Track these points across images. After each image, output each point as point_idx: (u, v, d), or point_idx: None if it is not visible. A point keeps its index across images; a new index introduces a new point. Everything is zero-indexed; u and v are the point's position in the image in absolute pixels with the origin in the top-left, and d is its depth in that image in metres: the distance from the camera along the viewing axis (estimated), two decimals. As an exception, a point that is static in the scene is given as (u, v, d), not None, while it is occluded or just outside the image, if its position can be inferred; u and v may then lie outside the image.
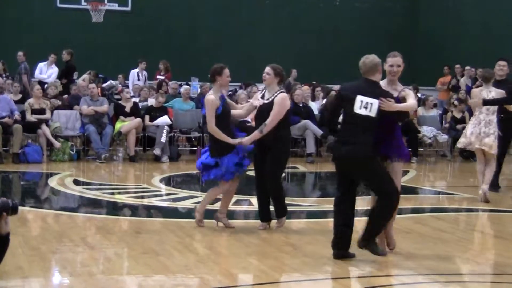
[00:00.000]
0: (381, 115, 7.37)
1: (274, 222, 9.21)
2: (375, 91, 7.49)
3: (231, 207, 10.52)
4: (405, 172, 14.98)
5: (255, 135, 8.79)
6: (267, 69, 9.03)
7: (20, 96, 16.72)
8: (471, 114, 13.40)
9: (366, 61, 7.63)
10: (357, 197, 7.96)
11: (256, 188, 9.16)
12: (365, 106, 7.35)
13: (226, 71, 8.93)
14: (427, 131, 16.88)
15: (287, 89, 18.39)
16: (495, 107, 11.53)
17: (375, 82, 7.58)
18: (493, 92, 11.52)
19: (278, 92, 8.94)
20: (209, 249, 8.06)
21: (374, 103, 7.35)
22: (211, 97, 8.86)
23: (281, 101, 8.85)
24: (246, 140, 8.80)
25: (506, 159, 13.22)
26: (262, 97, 9.04)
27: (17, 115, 15.11)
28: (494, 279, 7.25)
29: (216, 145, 8.86)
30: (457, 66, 21.17)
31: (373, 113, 7.36)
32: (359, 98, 7.37)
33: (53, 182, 12.66)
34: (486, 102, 11.33)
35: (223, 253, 8.14)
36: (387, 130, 7.63)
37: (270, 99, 8.90)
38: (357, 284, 6.95)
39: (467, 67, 20.78)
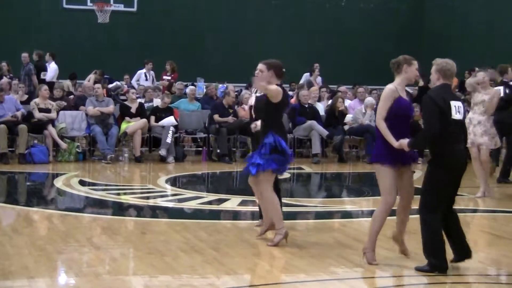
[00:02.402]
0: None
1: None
2: (454, 95, 7.62)
3: (237, 208, 10.55)
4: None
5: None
6: (260, 65, 8.68)
7: (26, 97, 16.76)
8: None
9: (453, 66, 7.62)
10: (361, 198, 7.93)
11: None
12: (458, 110, 7.37)
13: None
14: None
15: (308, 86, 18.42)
16: (484, 108, 11.73)
17: (450, 85, 7.66)
18: (488, 95, 11.68)
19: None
20: (215, 249, 8.05)
21: (461, 106, 7.42)
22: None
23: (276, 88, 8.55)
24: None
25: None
26: (254, 92, 8.97)
27: (19, 113, 15.11)
28: (499, 279, 7.24)
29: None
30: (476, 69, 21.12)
31: (462, 116, 7.41)
32: (452, 103, 7.38)
33: (59, 183, 12.68)
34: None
35: (229, 254, 8.13)
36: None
37: (262, 93, 8.65)
38: (363, 285, 6.95)
39: (477, 69, 20.73)
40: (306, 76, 20.88)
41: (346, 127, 16.72)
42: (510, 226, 10.04)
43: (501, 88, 12.86)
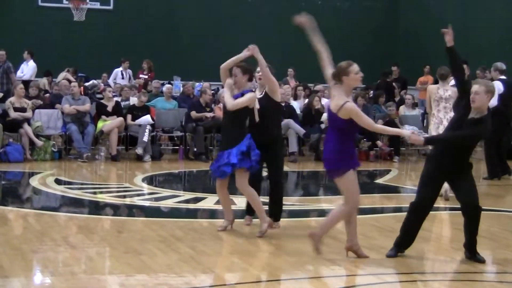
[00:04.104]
0: None
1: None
2: None
3: (214, 206, 10.52)
4: (387, 171, 15.05)
5: None
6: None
7: (1, 95, 16.62)
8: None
9: None
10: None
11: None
12: None
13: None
14: (409, 130, 16.89)
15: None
16: (451, 105, 11.64)
17: None
18: (449, 91, 11.62)
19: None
20: (191, 248, 8.03)
21: None
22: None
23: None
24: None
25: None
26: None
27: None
28: (476, 277, 7.27)
29: (238, 134, 8.58)
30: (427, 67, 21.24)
31: None
32: None
33: (34, 182, 12.59)
34: None
35: (206, 252, 8.11)
36: None
37: (263, 94, 8.90)
38: (339, 283, 6.95)
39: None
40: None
41: (322, 126, 16.74)
42: (490, 225, 10.08)
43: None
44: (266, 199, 9.27)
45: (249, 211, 9.13)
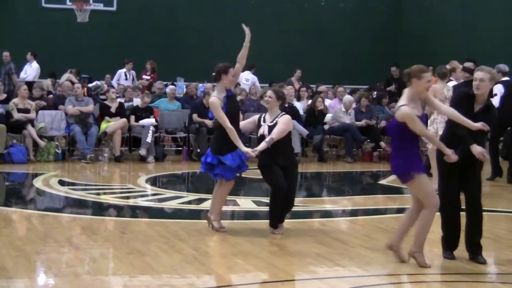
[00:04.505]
0: None
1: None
2: None
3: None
4: (391, 172, 15.00)
5: (263, 146, 8.71)
6: (269, 92, 9.08)
7: (4, 96, 16.63)
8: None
9: None
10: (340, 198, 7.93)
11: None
12: None
13: (231, 70, 8.83)
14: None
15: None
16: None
17: None
18: (450, 91, 11.58)
19: (281, 114, 8.92)
20: (195, 249, 8.03)
21: None
22: (212, 99, 8.77)
23: (286, 121, 8.88)
24: (254, 150, 8.71)
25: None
26: (263, 121, 8.99)
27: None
28: (479, 278, 7.26)
29: (220, 143, 8.80)
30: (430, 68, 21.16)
31: None
32: None
33: (38, 183, 12.60)
34: None
35: (209, 253, 8.13)
36: None
37: (274, 122, 8.89)
38: (342, 284, 6.94)
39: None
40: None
41: (326, 127, 16.74)
42: (494, 227, 10.07)
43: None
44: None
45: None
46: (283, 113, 9.00)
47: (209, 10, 24.43)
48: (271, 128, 8.82)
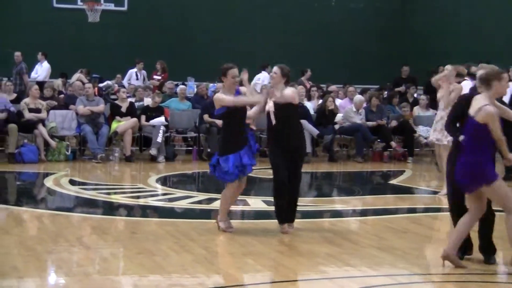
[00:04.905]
0: None
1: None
2: None
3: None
4: (401, 172, 15.02)
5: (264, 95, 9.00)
6: (275, 68, 9.04)
7: (14, 95, 16.69)
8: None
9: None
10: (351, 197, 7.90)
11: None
12: None
13: (231, 72, 8.79)
14: (423, 131, 16.86)
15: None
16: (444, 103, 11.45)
17: None
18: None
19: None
20: (205, 249, 8.04)
21: None
22: (217, 95, 8.80)
23: (292, 90, 8.98)
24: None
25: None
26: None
27: (2, 114, 15.01)
28: (490, 278, 7.25)
29: (222, 144, 8.83)
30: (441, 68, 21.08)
31: None
32: None
33: (49, 182, 12.64)
34: None
35: (219, 253, 8.14)
36: None
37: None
38: (352, 284, 6.94)
39: (441, 67, 20.68)
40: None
41: (336, 126, 16.73)
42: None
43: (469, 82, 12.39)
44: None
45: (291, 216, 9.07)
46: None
47: (219, 10, 24.44)
48: (276, 104, 8.79)
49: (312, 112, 17.05)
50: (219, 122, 15.51)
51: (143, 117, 16.04)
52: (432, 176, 14.59)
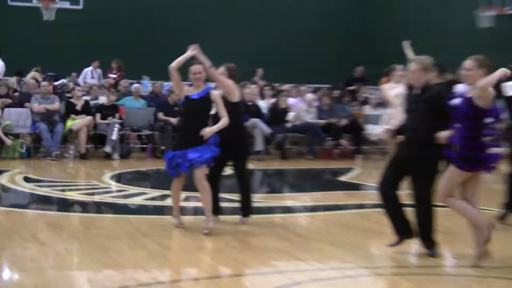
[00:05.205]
0: None
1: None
2: None
3: (181, 203, 10.53)
4: (350, 169, 15.18)
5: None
6: (221, 68, 9.10)
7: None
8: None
9: None
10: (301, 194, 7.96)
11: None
12: None
13: (190, 69, 8.78)
14: (372, 129, 17.06)
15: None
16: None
17: None
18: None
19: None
20: (159, 244, 8.06)
21: None
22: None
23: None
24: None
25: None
26: None
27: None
28: (434, 271, 7.39)
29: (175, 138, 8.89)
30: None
31: None
32: None
33: (3, 179, 12.53)
34: None
35: (173, 248, 8.17)
36: None
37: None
38: (301, 277, 7.02)
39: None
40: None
41: (288, 125, 16.84)
42: (449, 221, 10.21)
43: None
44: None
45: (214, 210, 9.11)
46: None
47: (174, 9, 24.38)
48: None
49: (264, 111, 17.14)
50: (173, 120, 15.61)
51: (98, 115, 15.98)
52: (380, 173, 14.73)
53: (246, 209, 9.27)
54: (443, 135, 7.31)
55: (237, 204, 9.46)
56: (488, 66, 7.24)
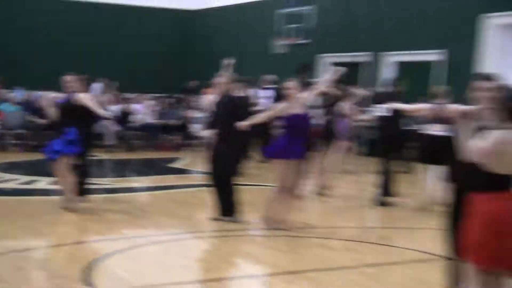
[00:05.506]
0: None
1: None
2: None
3: (48, 186, 10.08)
4: (179, 158, 15.13)
5: None
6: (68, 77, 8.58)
7: None
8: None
9: None
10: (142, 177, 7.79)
11: None
12: None
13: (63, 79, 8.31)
14: (196, 128, 17.10)
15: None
16: None
17: None
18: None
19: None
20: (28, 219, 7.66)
21: None
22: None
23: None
24: None
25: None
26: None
27: None
28: (240, 233, 7.50)
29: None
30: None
31: None
32: None
33: None
34: None
35: (40, 221, 7.80)
36: None
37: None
38: (142, 240, 6.91)
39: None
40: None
41: (134, 124, 16.57)
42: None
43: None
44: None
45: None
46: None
47: (37, 21, 21.71)
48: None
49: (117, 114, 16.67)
50: (42, 121, 14.87)
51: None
52: (202, 161, 14.78)
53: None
54: (241, 124, 7.44)
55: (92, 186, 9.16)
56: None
